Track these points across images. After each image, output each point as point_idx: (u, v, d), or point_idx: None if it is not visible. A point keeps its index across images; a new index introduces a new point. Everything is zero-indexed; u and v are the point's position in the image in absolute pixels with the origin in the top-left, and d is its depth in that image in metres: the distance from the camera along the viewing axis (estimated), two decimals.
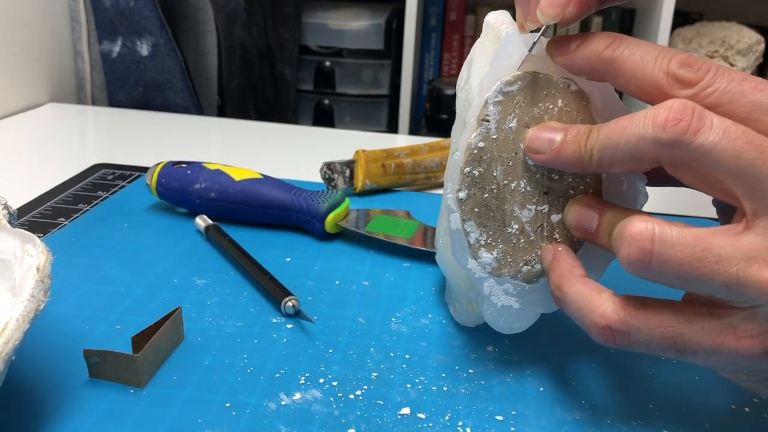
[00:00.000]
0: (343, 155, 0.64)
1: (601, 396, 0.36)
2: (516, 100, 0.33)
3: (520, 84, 0.33)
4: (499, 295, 0.35)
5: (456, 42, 1.60)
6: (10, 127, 0.80)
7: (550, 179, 0.34)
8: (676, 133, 0.27)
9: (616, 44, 0.31)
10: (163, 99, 0.97)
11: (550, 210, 0.34)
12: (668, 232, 0.28)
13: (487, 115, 0.33)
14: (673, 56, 0.30)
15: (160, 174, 0.54)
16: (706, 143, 0.27)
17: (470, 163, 0.33)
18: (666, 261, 0.28)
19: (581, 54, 0.31)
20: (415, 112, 1.50)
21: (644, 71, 0.30)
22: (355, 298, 0.44)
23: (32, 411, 0.33)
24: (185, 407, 0.34)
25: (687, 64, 0.29)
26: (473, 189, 0.34)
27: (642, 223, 0.28)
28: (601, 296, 0.31)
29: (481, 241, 0.34)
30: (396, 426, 0.33)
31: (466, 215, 0.34)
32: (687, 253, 0.27)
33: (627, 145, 0.29)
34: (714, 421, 0.34)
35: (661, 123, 0.28)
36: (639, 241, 0.28)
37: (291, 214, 0.52)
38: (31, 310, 0.30)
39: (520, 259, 0.34)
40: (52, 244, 0.35)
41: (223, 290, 0.44)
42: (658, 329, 0.29)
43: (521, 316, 0.36)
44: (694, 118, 0.27)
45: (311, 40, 1.46)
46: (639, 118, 0.29)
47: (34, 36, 0.89)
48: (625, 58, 0.30)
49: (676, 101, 0.28)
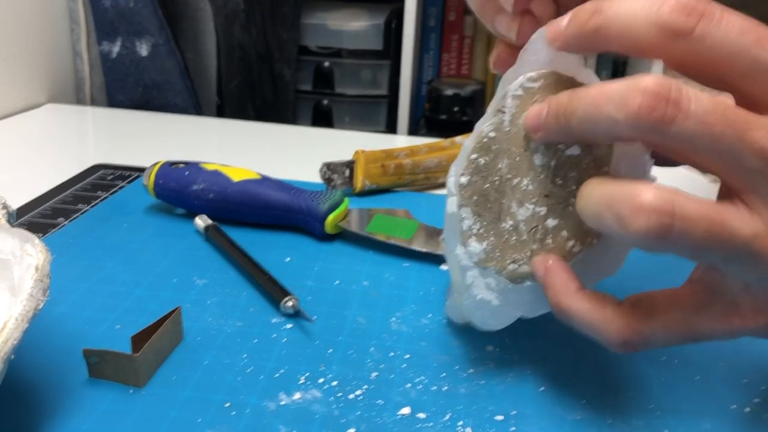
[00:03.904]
0: (343, 155, 0.64)
1: (601, 396, 0.36)
2: (535, 97, 0.33)
3: (542, 82, 0.33)
4: (480, 288, 0.35)
5: (455, 42, 1.60)
6: (9, 128, 0.80)
7: (553, 183, 0.33)
8: (650, 122, 0.26)
9: (599, 10, 0.28)
10: (162, 99, 0.96)
11: (548, 214, 0.34)
12: (687, 205, 0.26)
13: (504, 106, 0.33)
14: (663, 2, 0.27)
15: (157, 175, 0.54)
16: (682, 132, 0.26)
17: (478, 150, 0.33)
18: (685, 235, 0.26)
19: (570, 32, 0.30)
20: (414, 113, 1.50)
21: (634, 30, 0.27)
22: (355, 298, 0.44)
23: (32, 411, 0.33)
24: (185, 407, 0.33)
25: (677, 9, 0.27)
26: (476, 176, 0.33)
27: (657, 191, 0.26)
28: (606, 311, 0.31)
29: (473, 229, 0.34)
30: (396, 426, 0.33)
31: (463, 201, 0.34)
32: (704, 228, 0.26)
33: (605, 125, 0.28)
34: (714, 421, 0.34)
35: (635, 110, 0.26)
36: (660, 215, 0.26)
37: (290, 215, 0.52)
38: (30, 309, 0.30)
39: (509, 257, 0.34)
40: (51, 245, 0.35)
41: (222, 290, 0.44)
42: (671, 328, 0.30)
43: (498, 313, 0.35)
44: (670, 104, 0.26)
45: (310, 40, 1.46)
46: (613, 96, 0.27)
47: (33, 36, 0.89)
48: (611, 22, 0.28)
49: (651, 81, 0.26)
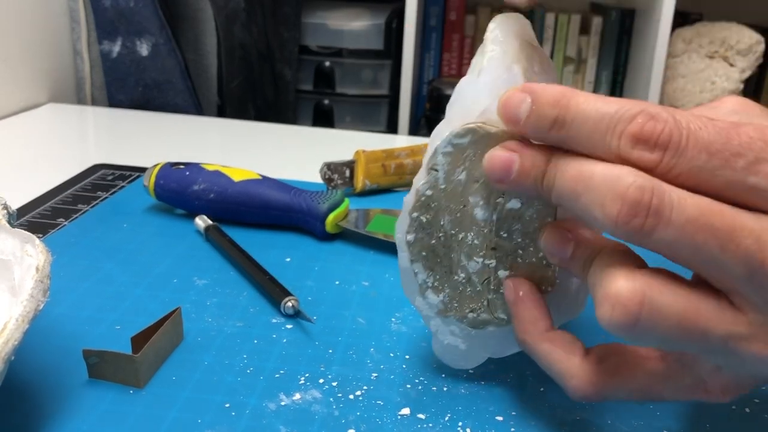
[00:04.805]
0: (343, 155, 0.64)
1: None
2: (466, 153, 0.31)
3: (470, 138, 0.30)
4: (445, 334, 0.35)
5: (456, 42, 1.60)
6: (9, 128, 0.80)
7: (498, 236, 0.32)
8: (629, 230, 0.25)
9: (560, 121, 0.27)
10: (162, 99, 0.97)
11: (498, 265, 0.33)
12: (658, 297, 0.25)
13: (436, 164, 0.31)
14: (626, 126, 0.25)
15: (158, 176, 0.54)
16: (663, 240, 0.25)
17: (418, 208, 0.33)
18: (652, 327, 0.25)
19: (530, 128, 0.28)
20: (415, 113, 1.50)
21: (597, 152, 0.26)
22: (355, 298, 0.44)
23: (32, 411, 0.33)
24: (185, 408, 0.33)
25: (641, 140, 0.25)
26: (420, 233, 0.33)
27: (628, 282, 0.25)
28: (572, 362, 0.30)
29: (428, 282, 0.34)
30: (396, 426, 0.33)
31: (414, 257, 0.34)
32: (675, 322, 0.25)
33: (581, 212, 0.27)
34: (714, 421, 0.34)
35: (614, 217, 0.25)
36: (625, 306, 0.25)
37: (291, 215, 0.52)
38: (30, 310, 0.30)
39: (466, 306, 0.34)
40: (51, 245, 0.35)
41: (222, 290, 0.44)
42: (634, 391, 0.29)
43: (467, 356, 0.36)
44: (650, 215, 0.24)
45: (311, 40, 1.46)
46: (593, 188, 0.26)
47: (33, 36, 0.89)
48: (574, 138, 0.27)
49: (632, 188, 0.25)
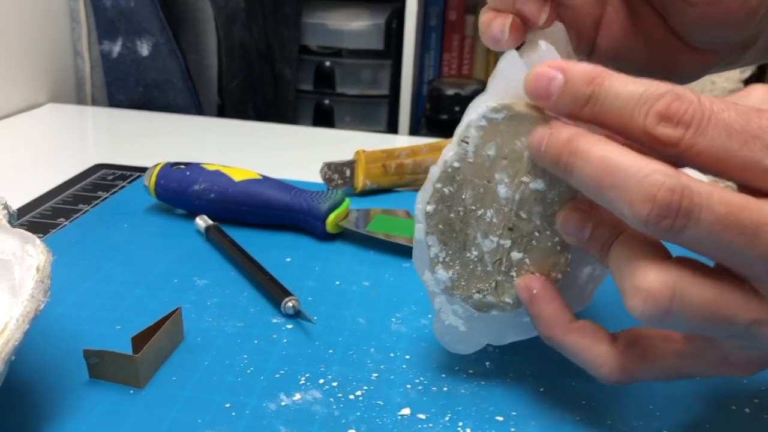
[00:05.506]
0: (343, 155, 0.64)
1: (601, 396, 0.36)
2: (499, 129, 0.31)
3: (505, 113, 0.31)
4: (447, 314, 0.35)
5: (456, 42, 1.60)
6: (9, 128, 0.80)
7: (518, 216, 0.32)
8: (659, 229, 0.26)
9: (594, 98, 0.28)
10: (163, 99, 0.97)
11: (512, 247, 0.33)
12: (688, 289, 0.26)
13: (467, 137, 0.32)
14: (653, 104, 0.26)
15: (158, 175, 0.54)
16: (693, 238, 0.26)
17: (443, 179, 0.33)
18: (682, 317, 0.27)
19: (561, 106, 0.29)
20: (415, 113, 1.50)
21: (626, 128, 0.27)
22: (355, 298, 0.44)
23: (32, 411, 0.33)
24: (185, 408, 0.34)
25: (666, 117, 0.26)
26: (441, 205, 0.33)
27: (659, 275, 0.26)
28: (600, 349, 0.31)
29: (440, 257, 0.34)
30: (396, 426, 0.33)
31: (430, 228, 0.34)
32: (705, 312, 0.27)
33: (606, 204, 0.27)
34: (714, 422, 0.34)
35: (644, 218, 0.26)
36: (657, 299, 0.26)
37: (291, 215, 0.52)
38: (30, 310, 0.30)
39: (474, 286, 0.34)
40: (52, 245, 0.35)
41: (223, 290, 0.44)
42: (663, 372, 0.31)
43: (466, 339, 0.36)
44: (680, 215, 0.25)
45: (311, 40, 1.46)
46: (618, 185, 0.26)
47: (33, 36, 0.89)
48: (605, 113, 0.28)
49: (662, 190, 0.25)
